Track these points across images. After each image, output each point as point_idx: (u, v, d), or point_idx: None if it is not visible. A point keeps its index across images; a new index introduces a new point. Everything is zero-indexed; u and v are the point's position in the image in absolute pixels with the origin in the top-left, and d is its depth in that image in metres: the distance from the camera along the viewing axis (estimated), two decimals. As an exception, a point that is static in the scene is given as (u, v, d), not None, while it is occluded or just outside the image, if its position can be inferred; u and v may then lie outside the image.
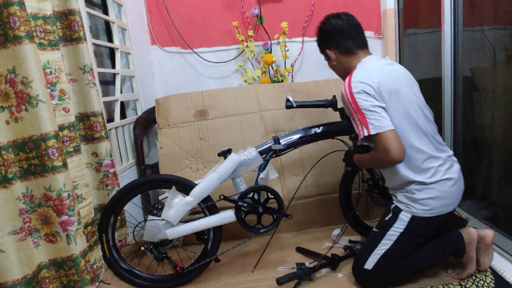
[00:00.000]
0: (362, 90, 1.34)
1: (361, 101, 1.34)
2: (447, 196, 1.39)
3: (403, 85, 1.40)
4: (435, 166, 1.38)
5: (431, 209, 1.38)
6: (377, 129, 1.30)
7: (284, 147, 1.64)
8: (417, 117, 1.39)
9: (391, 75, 1.40)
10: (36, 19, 1.36)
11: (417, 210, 1.38)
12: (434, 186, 1.37)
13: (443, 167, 1.39)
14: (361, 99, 1.34)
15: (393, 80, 1.38)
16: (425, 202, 1.37)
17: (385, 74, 1.39)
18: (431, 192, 1.37)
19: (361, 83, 1.35)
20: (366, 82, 1.35)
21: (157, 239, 1.56)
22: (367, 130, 1.32)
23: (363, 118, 1.33)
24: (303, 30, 2.58)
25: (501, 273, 1.46)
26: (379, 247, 1.43)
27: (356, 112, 1.36)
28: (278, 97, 2.17)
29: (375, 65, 1.43)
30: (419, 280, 1.47)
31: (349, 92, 1.36)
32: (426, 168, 1.37)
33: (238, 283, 1.59)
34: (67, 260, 1.38)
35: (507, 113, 1.71)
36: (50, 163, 1.30)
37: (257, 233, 1.61)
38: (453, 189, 1.39)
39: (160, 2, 2.52)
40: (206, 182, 1.56)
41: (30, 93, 1.25)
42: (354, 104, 1.35)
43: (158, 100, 2.19)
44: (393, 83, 1.37)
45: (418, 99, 1.43)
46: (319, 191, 2.02)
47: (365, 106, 1.33)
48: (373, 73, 1.38)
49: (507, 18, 1.67)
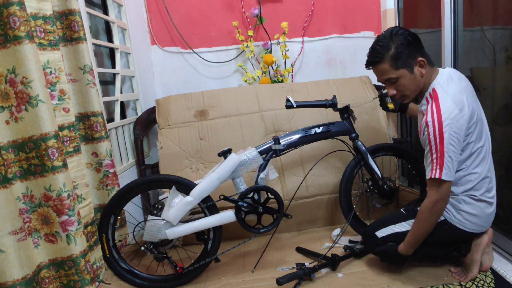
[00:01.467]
0: (455, 132, 1.27)
1: (448, 144, 1.27)
2: (484, 218, 1.39)
3: (476, 106, 1.36)
4: (490, 186, 1.39)
5: (467, 223, 1.38)
6: (446, 177, 1.28)
7: (284, 147, 1.64)
8: (488, 137, 1.39)
9: (471, 99, 1.34)
10: (36, 19, 1.36)
11: (455, 219, 1.39)
12: (481, 205, 1.37)
13: (493, 191, 1.40)
14: (449, 142, 1.27)
15: (474, 105, 1.33)
16: (466, 215, 1.38)
17: (470, 102, 1.32)
18: (476, 209, 1.37)
19: (455, 121, 1.27)
20: (459, 121, 1.27)
21: (157, 239, 1.56)
22: (440, 173, 1.28)
23: (441, 161, 1.28)
24: (303, 30, 2.58)
25: (501, 273, 1.46)
26: (397, 225, 1.49)
27: (437, 151, 1.28)
28: (278, 97, 2.17)
29: (458, 90, 1.33)
30: (419, 280, 1.47)
31: (439, 129, 1.27)
32: (481, 186, 1.37)
33: (238, 283, 1.59)
34: (67, 260, 1.38)
35: (507, 113, 1.70)
36: (50, 163, 1.30)
37: (257, 233, 1.61)
38: (491, 212, 1.40)
39: (160, 2, 2.52)
40: (206, 182, 1.56)
41: (30, 93, 1.25)
42: (440, 144, 1.28)
43: (158, 100, 2.19)
44: (475, 109, 1.33)
45: (483, 114, 1.40)
46: (319, 191, 2.02)
47: (449, 150, 1.27)
48: (462, 104, 1.29)
49: (507, 18, 1.67)
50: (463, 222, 1.39)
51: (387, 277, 1.51)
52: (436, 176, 1.29)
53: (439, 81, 1.37)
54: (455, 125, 1.27)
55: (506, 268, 1.47)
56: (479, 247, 1.43)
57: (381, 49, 1.38)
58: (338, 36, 2.60)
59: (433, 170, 1.30)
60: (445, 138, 1.27)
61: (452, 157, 1.28)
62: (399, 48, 1.35)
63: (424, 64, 1.37)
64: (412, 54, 1.36)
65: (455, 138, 1.27)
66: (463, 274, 1.46)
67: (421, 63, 1.36)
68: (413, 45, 1.36)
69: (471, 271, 1.44)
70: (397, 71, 1.37)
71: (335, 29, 2.60)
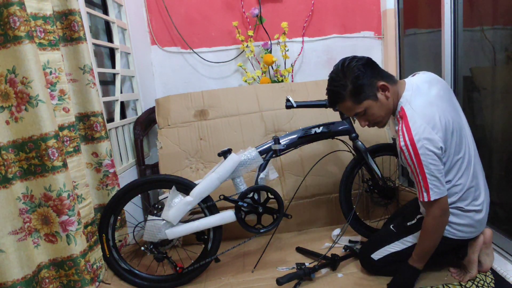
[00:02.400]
0: (431, 151, 1.23)
1: (427, 164, 1.23)
2: (476, 224, 1.38)
3: (451, 114, 1.30)
4: (477, 194, 1.36)
5: (459, 232, 1.37)
6: (436, 196, 1.26)
7: (284, 147, 1.64)
8: (467, 145, 1.34)
9: (442, 109, 1.28)
10: (36, 19, 1.36)
11: (446, 231, 1.37)
12: (469, 214, 1.36)
13: (481, 197, 1.37)
14: (428, 162, 1.23)
15: (446, 114, 1.28)
16: (456, 226, 1.37)
17: (440, 113, 1.26)
18: (465, 219, 1.36)
19: (428, 141, 1.22)
20: (433, 140, 1.22)
21: (157, 239, 1.56)
22: (428, 196, 1.26)
23: (425, 183, 1.25)
24: (303, 30, 2.58)
25: (501, 273, 1.46)
26: (390, 245, 1.46)
27: (418, 174, 1.26)
28: (278, 97, 2.17)
29: (425, 105, 1.27)
30: (419, 280, 1.47)
31: (414, 153, 1.23)
32: (467, 196, 1.35)
33: (238, 283, 1.59)
34: (67, 260, 1.38)
35: (507, 113, 1.70)
36: (50, 163, 1.30)
37: (257, 233, 1.61)
38: (482, 217, 1.38)
39: (160, 2, 2.52)
40: (206, 182, 1.56)
41: (30, 93, 1.25)
42: (419, 167, 1.24)
43: (158, 100, 2.19)
44: (448, 119, 1.27)
45: (460, 117, 1.36)
46: (319, 191, 2.02)
47: (430, 170, 1.24)
48: (432, 120, 1.24)
49: (507, 18, 1.67)
50: (455, 233, 1.37)
51: (387, 277, 1.51)
52: (425, 200, 1.27)
53: (406, 97, 1.31)
54: (430, 144, 1.23)
55: (506, 268, 1.47)
56: (475, 248, 1.43)
57: (338, 89, 1.33)
58: (338, 36, 2.60)
59: (420, 194, 1.28)
60: (422, 160, 1.23)
61: (436, 175, 1.24)
62: (355, 82, 1.30)
63: (386, 87, 1.31)
64: (371, 82, 1.30)
65: (433, 156, 1.23)
66: (462, 275, 1.46)
67: (382, 87, 1.31)
68: (369, 72, 1.31)
69: (470, 272, 1.45)
70: (361, 105, 1.33)
71: (335, 29, 2.60)
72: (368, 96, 1.31)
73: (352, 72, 1.30)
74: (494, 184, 1.74)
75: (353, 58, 1.34)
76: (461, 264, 1.48)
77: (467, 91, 1.88)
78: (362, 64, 1.31)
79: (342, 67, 1.33)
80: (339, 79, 1.33)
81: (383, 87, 1.31)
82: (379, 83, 1.31)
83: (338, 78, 1.33)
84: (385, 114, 1.36)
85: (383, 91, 1.32)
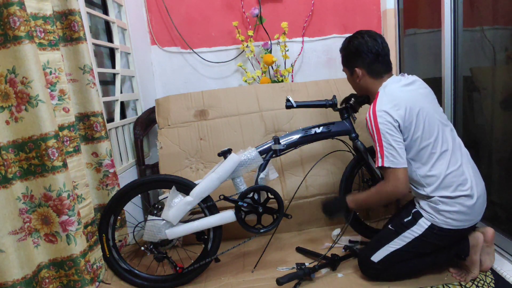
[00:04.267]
0: (388, 121, 1.36)
1: (384, 132, 1.36)
2: (469, 211, 1.38)
3: (425, 105, 1.41)
4: (462, 178, 1.38)
5: (453, 221, 1.37)
6: (390, 164, 1.35)
7: (284, 147, 1.64)
8: (441, 134, 1.40)
9: (413, 97, 1.41)
10: (36, 19, 1.36)
11: (439, 221, 1.38)
12: (459, 200, 1.37)
13: (468, 183, 1.38)
14: (385, 131, 1.36)
15: (415, 102, 1.39)
16: (447, 214, 1.37)
17: (408, 98, 1.40)
18: (455, 206, 1.37)
19: (387, 113, 1.36)
20: (391, 113, 1.36)
21: (157, 239, 1.56)
22: (382, 161, 1.36)
23: (381, 150, 1.37)
24: (303, 30, 2.58)
25: (501, 273, 1.46)
26: (390, 244, 1.45)
27: (376, 141, 1.38)
28: (278, 97, 2.16)
29: (397, 90, 1.43)
30: (419, 280, 1.47)
31: (374, 121, 1.38)
32: (449, 183, 1.37)
33: (238, 283, 1.59)
34: (67, 260, 1.38)
35: (507, 113, 1.70)
36: (50, 163, 1.30)
37: (257, 233, 1.61)
38: (474, 203, 1.38)
39: (160, 2, 2.52)
40: (206, 182, 1.56)
41: (30, 93, 1.25)
42: (377, 134, 1.37)
43: (158, 100, 2.19)
44: (416, 106, 1.38)
45: (440, 117, 1.44)
46: (319, 191, 2.02)
47: (386, 139, 1.36)
48: (397, 100, 1.39)
49: (507, 18, 1.67)
50: (448, 221, 1.37)
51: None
52: (379, 165, 1.37)
53: (384, 84, 1.46)
54: (388, 115, 1.36)
55: (506, 268, 1.47)
56: (476, 248, 1.43)
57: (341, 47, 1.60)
58: (338, 36, 2.60)
59: (377, 160, 1.39)
60: (380, 128, 1.36)
61: (391, 144, 1.35)
62: (348, 50, 1.54)
63: (359, 74, 1.50)
64: (354, 61, 1.51)
65: (390, 126, 1.35)
66: (464, 275, 1.46)
67: (357, 72, 1.50)
68: (352, 56, 1.51)
69: (472, 272, 1.45)
70: (343, 68, 1.60)
71: (335, 29, 2.60)
72: (347, 67, 1.56)
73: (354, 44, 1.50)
74: (494, 184, 1.74)
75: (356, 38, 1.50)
76: (462, 264, 1.48)
77: (467, 91, 1.88)
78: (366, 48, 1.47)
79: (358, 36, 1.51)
80: (346, 42, 1.57)
81: (357, 72, 1.51)
82: (357, 67, 1.51)
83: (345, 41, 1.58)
84: (355, 88, 1.61)
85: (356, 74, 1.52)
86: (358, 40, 1.49)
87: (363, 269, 1.53)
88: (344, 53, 1.57)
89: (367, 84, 1.52)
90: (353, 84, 1.59)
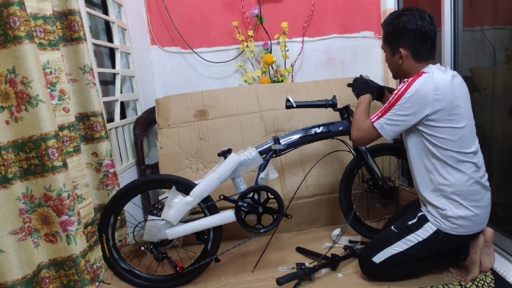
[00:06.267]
0: (414, 100, 1.29)
1: (401, 105, 1.31)
2: (477, 219, 1.36)
3: (464, 103, 1.37)
4: (473, 190, 1.35)
5: (459, 228, 1.35)
6: (378, 125, 1.38)
7: (284, 147, 1.64)
8: (471, 136, 1.37)
9: (457, 92, 1.34)
10: (36, 19, 1.36)
11: (445, 226, 1.36)
12: (468, 207, 1.35)
13: (480, 192, 1.37)
14: (403, 104, 1.31)
15: (458, 98, 1.33)
16: (455, 220, 1.35)
17: (450, 91, 1.31)
18: (463, 213, 1.34)
19: (420, 94, 1.28)
20: (425, 96, 1.28)
21: (157, 239, 1.56)
22: (376, 118, 1.38)
23: (384, 113, 1.36)
24: (303, 30, 2.58)
25: (501, 273, 1.46)
26: (392, 246, 1.43)
27: (388, 103, 1.35)
28: (278, 97, 2.17)
29: (444, 80, 1.31)
30: (419, 280, 1.47)
31: (403, 90, 1.31)
32: (463, 191, 1.35)
33: (238, 283, 1.59)
34: (67, 260, 1.38)
35: (507, 113, 1.70)
36: (50, 163, 1.30)
37: (257, 233, 1.61)
38: (484, 212, 1.37)
39: (160, 2, 2.52)
40: (206, 182, 1.56)
41: (30, 93, 1.25)
42: (394, 100, 1.33)
43: (158, 100, 2.19)
44: (459, 101, 1.33)
45: (472, 117, 1.41)
46: (319, 191, 2.02)
47: (396, 110, 1.33)
48: (439, 89, 1.29)
49: (507, 18, 1.67)
50: (454, 227, 1.36)
51: (387, 278, 1.51)
52: (371, 119, 1.40)
53: (431, 68, 1.36)
54: (422, 90, 1.28)
55: (506, 268, 1.47)
56: (477, 248, 1.43)
57: (384, 24, 1.48)
58: (338, 36, 2.61)
59: (374, 114, 1.40)
60: (402, 98, 1.31)
61: (394, 118, 1.34)
62: (388, 28, 1.44)
63: (403, 55, 1.40)
64: (400, 42, 1.40)
65: (412, 104, 1.30)
66: (464, 275, 1.46)
67: (401, 53, 1.40)
68: (398, 34, 1.39)
69: (472, 272, 1.44)
70: (384, 44, 1.49)
71: (335, 29, 2.60)
72: (391, 45, 1.45)
73: (402, 20, 1.38)
74: (494, 184, 1.74)
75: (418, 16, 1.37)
76: (462, 264, 1.48)
77: (467, 91, 1.88)
78: (416, 27, 1.35)
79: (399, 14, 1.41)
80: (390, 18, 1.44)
81: (401, 54, 1.41)
82: (400, 48, 1.40)
83: (390, 17, 1.44)
84: (391, 69, 1.51)
85: (400, 56, 1.41)
86: (408, 17, 1.36)
87: (364, 269, 1.52)
88: (389, 29, 1.42)
89: (409, 67, 1.40)
90: (392, 65, 1.48)
